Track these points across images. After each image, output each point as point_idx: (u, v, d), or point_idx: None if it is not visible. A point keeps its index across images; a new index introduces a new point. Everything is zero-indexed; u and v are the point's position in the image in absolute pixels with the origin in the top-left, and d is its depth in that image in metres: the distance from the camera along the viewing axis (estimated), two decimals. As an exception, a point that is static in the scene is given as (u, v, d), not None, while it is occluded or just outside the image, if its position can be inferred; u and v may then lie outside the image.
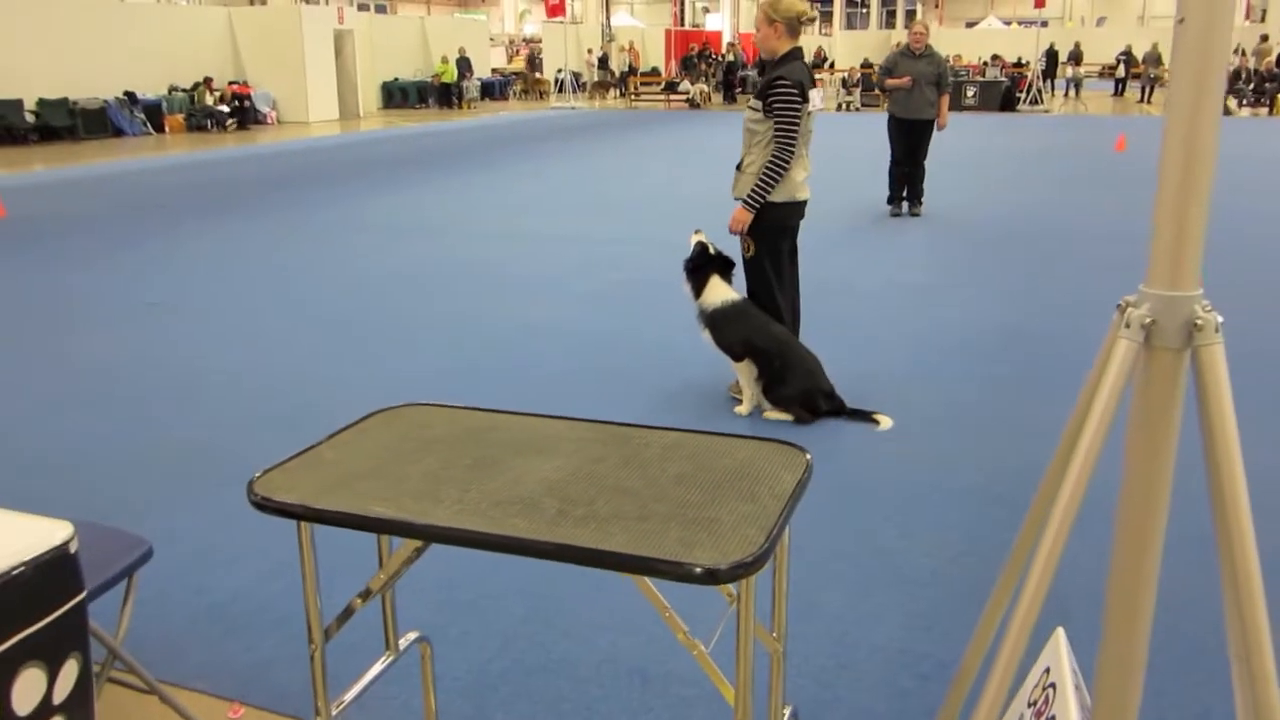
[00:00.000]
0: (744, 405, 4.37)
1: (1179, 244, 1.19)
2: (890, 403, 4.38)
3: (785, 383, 4.23)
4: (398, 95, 27.38)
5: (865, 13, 47.86)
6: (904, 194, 9.62)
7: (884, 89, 9.70)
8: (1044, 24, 34.65)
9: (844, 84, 27.32)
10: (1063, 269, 7.25)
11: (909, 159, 9.45)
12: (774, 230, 4.39)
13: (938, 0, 48.77)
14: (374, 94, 26.52)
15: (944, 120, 9.26)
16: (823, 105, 4.68)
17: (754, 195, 4.28)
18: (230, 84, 21.58)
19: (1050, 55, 28.47)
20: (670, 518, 1.51)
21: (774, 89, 4.23)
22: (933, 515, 3.40)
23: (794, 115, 4.21)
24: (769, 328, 4.30)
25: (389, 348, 5.45)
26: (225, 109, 20.60)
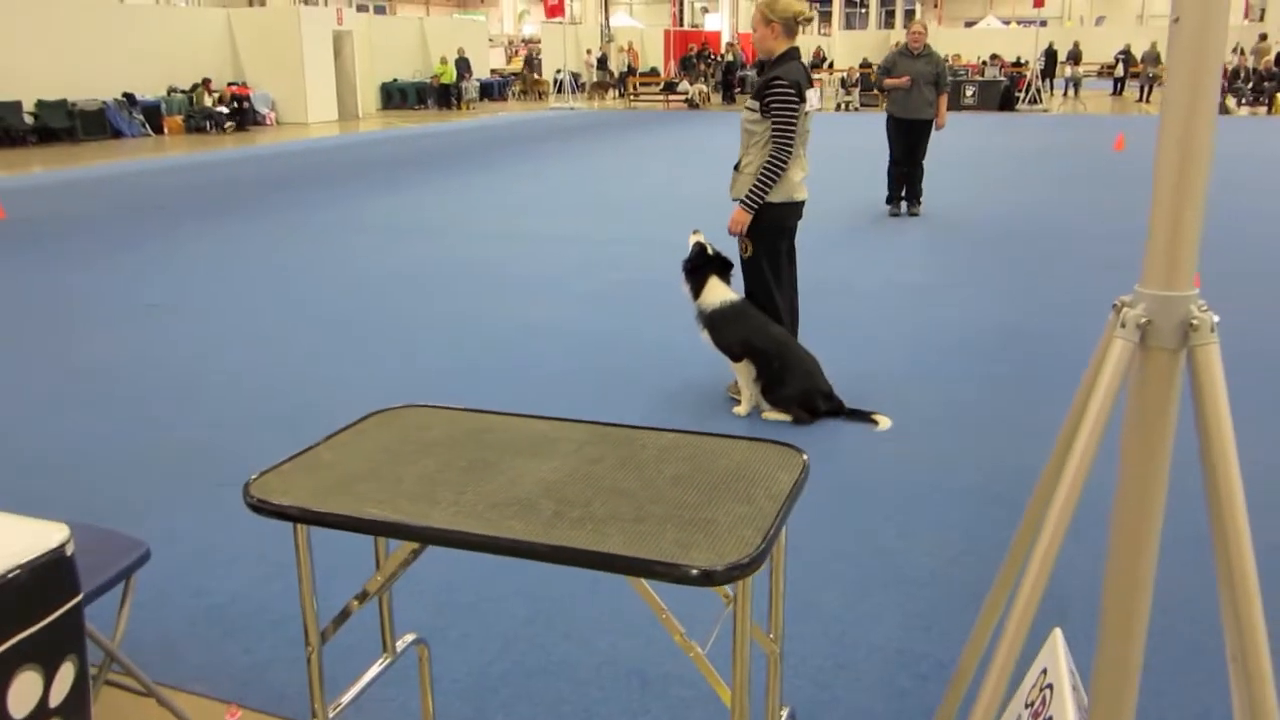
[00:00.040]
0: (743, 406, 4.37)
1: (1174, 244, 1.19)
2: (889, 403, 4.38)
3: (784, 383, 4.23)
4: (397, 96, 27.40)
5: (864, 12, 47.84)
6: (903, 194, 9.62)
7: (883, 89, 9.71)
8: (1043, 23, 34.67)
9: (843, 84, 27.34)
10: (1062, 268, 7.25)
11: (908, 159, 9.45)
12: (772, 230, 4.39)
13: (936, 0, 48.77)
14: (373, 95, 26.52)
15: (943, 120, 9.26)
16: (820, 105, 4.67)
17: (752, 196, 4.27)
18: (229, 85, 21.58)
19: (1049, 55, 28.45)
20: (667, 519, 1.51)
21: (771, 89, 4.23)
22: (932, 515, 3.40)
23: (791, 115, 4.21)
24: (768, 328, 4.30)
25: (389, 348, 5.45)
26: (224, 110, 20.59)
